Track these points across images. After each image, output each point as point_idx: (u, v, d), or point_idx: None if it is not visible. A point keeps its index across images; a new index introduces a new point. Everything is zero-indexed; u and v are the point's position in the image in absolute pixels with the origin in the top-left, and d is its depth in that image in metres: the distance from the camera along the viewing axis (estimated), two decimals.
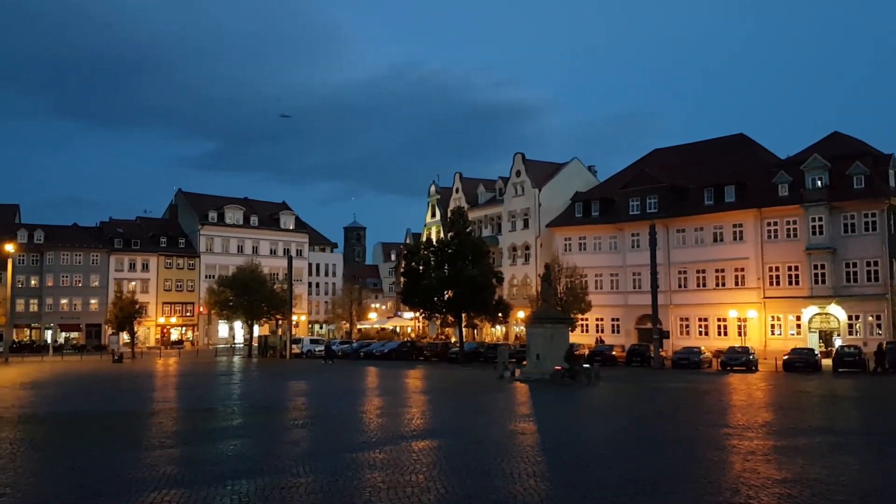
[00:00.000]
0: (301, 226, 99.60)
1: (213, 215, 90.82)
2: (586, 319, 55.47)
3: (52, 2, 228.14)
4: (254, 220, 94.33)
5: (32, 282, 79.83)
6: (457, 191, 75.57)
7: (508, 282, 63.41)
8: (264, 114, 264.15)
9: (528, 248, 65.46)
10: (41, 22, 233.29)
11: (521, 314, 55.00)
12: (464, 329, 53.23)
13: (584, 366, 31.56)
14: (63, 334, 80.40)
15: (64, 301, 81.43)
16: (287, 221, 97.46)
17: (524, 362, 36.09)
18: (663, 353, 43.47)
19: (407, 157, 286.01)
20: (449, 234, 51.87)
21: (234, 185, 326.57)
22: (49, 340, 75.42)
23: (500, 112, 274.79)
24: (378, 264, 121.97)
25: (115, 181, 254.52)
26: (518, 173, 67.09)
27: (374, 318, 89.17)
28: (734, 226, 52.43)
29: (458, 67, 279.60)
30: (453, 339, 59.10)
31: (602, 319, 58.18)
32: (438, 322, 60.37)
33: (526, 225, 65.79)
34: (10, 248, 62.88)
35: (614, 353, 45.35)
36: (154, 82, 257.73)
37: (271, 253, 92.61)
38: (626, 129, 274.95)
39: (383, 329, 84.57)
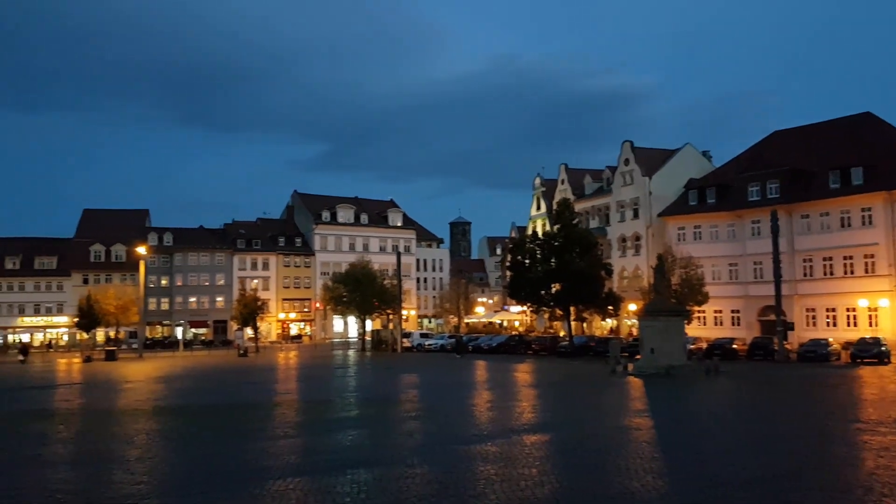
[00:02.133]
0: (408, 222, 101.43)
1: (326, 215, 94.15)
2: (703, 312, 53.35)
3: (176, 15, 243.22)
4: (364, 218, 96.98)
5: (163, 282, 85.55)
6: (562, 182, 74.59)
7: (618, 274, 61.94)
8: (371, 114, 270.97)
9: (638, 238, 63.68)
10: (166, 35, 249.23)
11: (632, 307, 53.61)
12: (573, 322, 52.51)
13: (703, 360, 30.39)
14: (192, 331, 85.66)
15: (192, 299, 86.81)
16: (395, 219, 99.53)
17: (637, 356, 35.22)
18: (788, 346, 41.17)
19: (510, 150, 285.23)
20: (555, 227, 51.29)
21: (344, 185, 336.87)
22: (179, 337, 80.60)
23: (605, 100, 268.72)
24: (484, 258, 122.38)
25: (236, 184, 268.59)
26: (626, 161, 65.37)
27: (482, 312, 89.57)
28: (862, 210, 48.91)
29: (558, 57, 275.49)
30: (562, 333, 58.46)
31: (720, 311, 55.79)
32: (546, 316, 59.84)
33: (636, 215, 64.01)
34: (142, 250, 67.69)
35: (735, 346, 43.44)
36: (269, 89, 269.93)
37: (380, 250, 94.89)
38: (741, 110, 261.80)
39: (490, 323, 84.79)
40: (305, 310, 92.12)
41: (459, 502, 9.12)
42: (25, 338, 79.87)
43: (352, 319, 75.21)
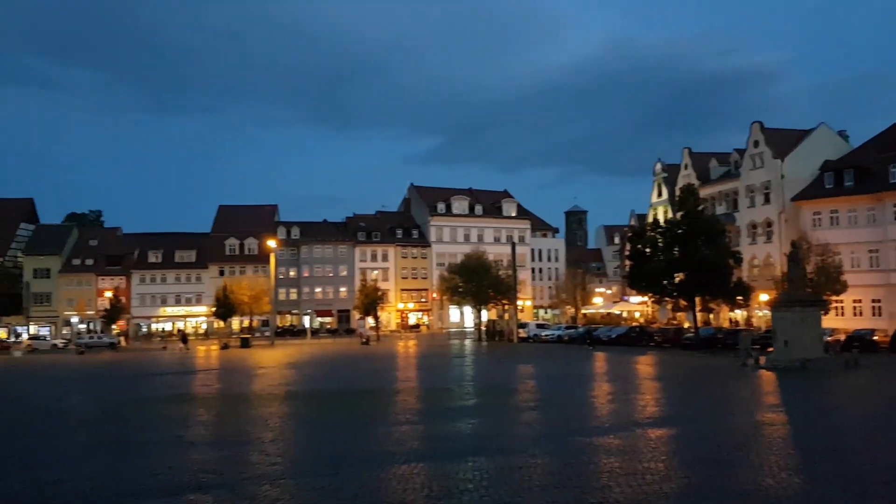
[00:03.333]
0: (522, 212, 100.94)
1: (441, 206, 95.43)
2: (841, 302, 49.81)
3: (299, 18, 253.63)
4: (478, 209, 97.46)
5: (291, 273, 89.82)
6: (685, 167, 71.67)
7: (748, 262, 58.84)
8: (485, 105, 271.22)
9: (769, 224, 60.20)
10: (291, 39, 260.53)
11: (763, 297, 50.81)
12: (698, 313, 50.47)
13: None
14: (318, 319, 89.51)
15: (318, 290, 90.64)
16: (509, 209, 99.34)
17: (769, 349, 33.39)
18: None
19: (628, 136, 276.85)
20: (678, 214, 49.34)
21: (458, 177, 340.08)
22: (307, 325, 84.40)
23: (729, 80, 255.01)
24: (601, 248, 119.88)
25: (356, 179, 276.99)
26: (756, 143, 61.87)
27: (600, 302, 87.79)
28: None
29: (678, 38, 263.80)
30: (686, 325, 56.31)
31: (860, 301, 51.86)
32: (669, 306, 57.83)
33: (767, 199, 60.51)
34: (272, 243, 71.33)
35: (875, 338, 40.29)
36: (385, 85, 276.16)
37: (495, 240, 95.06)
38: (880, 88, 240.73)
39: (609, 314, 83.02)
40: (422, 300, 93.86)
41: (582, 494, 8.99)
42: (168, 327, 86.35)
43: (467, 309, 75.86)
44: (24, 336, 79.59)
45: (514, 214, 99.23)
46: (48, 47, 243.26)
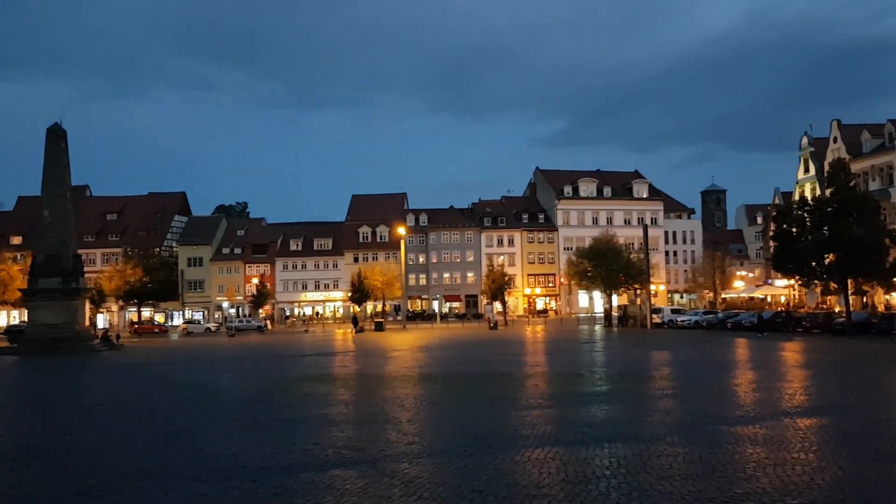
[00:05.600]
0: (655, 193, 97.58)
1: (568, 189, 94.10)
2: None
3: (429, 6, 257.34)
4: (607, 191, 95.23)
5: (420, 259, 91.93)
6: (834, 140, 66.49)
7: None
8: (613, 85, 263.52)
9: None
10: (420, 31, 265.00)
11: None
12: (850, 297, 46.84)
13: None
14: (447, 304, 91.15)
15: (446, 275, 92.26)
16: (640, 190, 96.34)
17: None
18: None
19: (770, 110, 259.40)
20: (827, 190, 45.95)
21: (585, 159, 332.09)
22: (436, 310, 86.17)
23: (880, 47, 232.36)
24: (741, 228, 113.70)
25: (481, 165, 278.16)
26: None
27: (741, 286, 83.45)
28: None
29: (822, 3, 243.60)
30: (837, 309, 52.43)
31: None
32: (818, 289, 54.07)
33: None
34: (402, 230, 73.30)
35: None
36: (509, 70, 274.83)
37: (625, 223, 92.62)
38: None
39: (751, 298, 78.81)
40: (550, 284, 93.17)
41: (727, 483, 8.65)
42: (308, 311, 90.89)
43: (597, 294, 74.58)
44: (180, 320, 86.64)
45: (645, 195, 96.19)
46: (198, 50, 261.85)
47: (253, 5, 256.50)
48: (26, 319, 51.73)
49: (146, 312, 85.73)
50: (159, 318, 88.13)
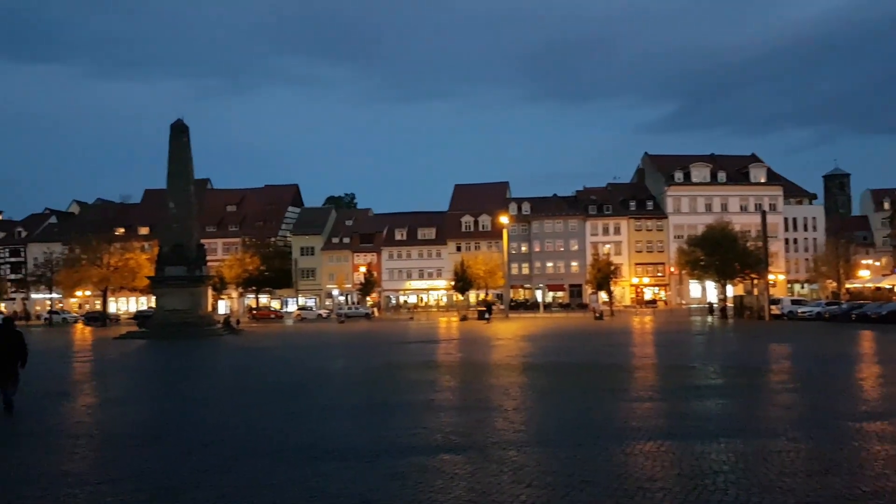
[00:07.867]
0: (773, 178, 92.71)
1: (678, 175, 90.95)
2: None
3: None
4: (721, 176, 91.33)
5: (523, 248, 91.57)
6: None
7: None
8: (725, 66, 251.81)
9: None
10: (519, 21, 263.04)
11: None
12: None
13: None
14: (550, 294, 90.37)
15: (549, 264, 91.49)
16: (757, 174, 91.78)
17: None
18: None
19: (893, 89, 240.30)
20: None
21: (697, 143, 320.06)
22: (539, 299, 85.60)
23: None
24: (867, 215, 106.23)
25: (586, 153, 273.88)
26: None
27: (866, 275, 78.02)
28: None
29: None
30: None
31: None
32: None
33: None
34: (504, 219, 73.19)
35: None
36: (612, 56, 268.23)
37: (741, 209, 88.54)
38: None
39: (878, 288, 73.48)
40: (659, 274, 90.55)
41: (854, 481, 8.16)
42: (413, 299, 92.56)
43: (710, 284, 71.78)
44: (294, 307, 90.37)
45: (763, 180, 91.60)
46: (306, 48, 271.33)
47: (356, 2, 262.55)
48: (153, 305, 55.39)
49: (263, 299, 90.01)
50: (275, 304, 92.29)
